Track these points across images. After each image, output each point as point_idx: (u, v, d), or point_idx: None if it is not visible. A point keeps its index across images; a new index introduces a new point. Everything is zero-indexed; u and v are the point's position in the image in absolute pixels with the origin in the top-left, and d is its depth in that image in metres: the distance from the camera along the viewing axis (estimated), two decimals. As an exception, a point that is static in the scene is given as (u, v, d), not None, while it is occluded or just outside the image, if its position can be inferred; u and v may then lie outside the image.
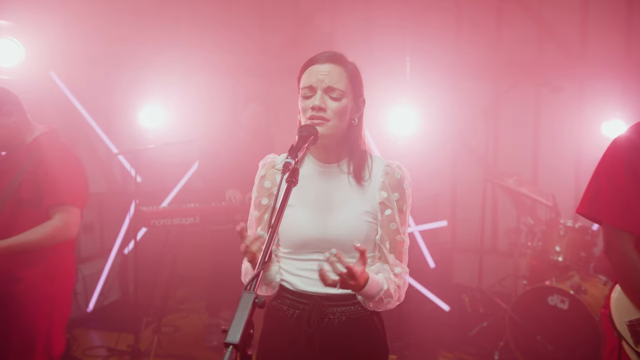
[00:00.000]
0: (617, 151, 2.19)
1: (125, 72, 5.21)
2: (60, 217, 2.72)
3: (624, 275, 2.13)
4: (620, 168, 2.14)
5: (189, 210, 3.93)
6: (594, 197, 2.22)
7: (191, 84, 5.29)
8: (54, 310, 2.78)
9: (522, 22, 5.33)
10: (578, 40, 5.26)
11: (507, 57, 5.34)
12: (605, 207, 2.16)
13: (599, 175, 2.22)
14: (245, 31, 5.69)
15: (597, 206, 2.19)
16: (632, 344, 2.11)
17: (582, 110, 5.13)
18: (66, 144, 2.94)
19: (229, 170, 4.32)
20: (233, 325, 1.24)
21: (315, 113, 1.78)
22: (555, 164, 5.30)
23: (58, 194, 2.72)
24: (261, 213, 1.95)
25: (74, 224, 2.78)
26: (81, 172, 2.91)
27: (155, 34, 5.23)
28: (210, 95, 5.54)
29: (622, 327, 2.13)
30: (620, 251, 2.13)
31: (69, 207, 2.75)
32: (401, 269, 1.86)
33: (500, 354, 4.03)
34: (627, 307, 2.13)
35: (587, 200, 2.25)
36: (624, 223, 2.13)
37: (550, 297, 3.79)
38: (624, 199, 2.13)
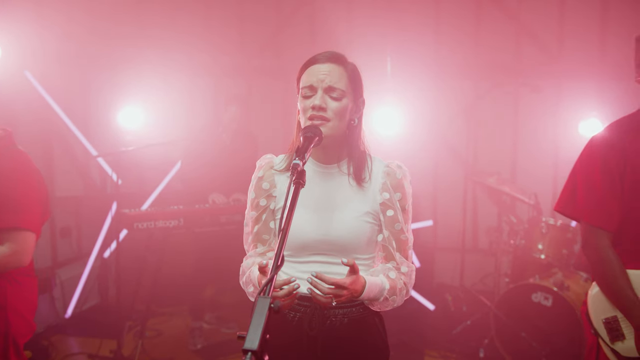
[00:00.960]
0: (593, 150, 2.22)
1: (103, 72, 5.11)
2: (10, 246, 2.34)
3: (601, 272, 2.17)
4: (596, 167, 2.17)
5: (173, 212, 3.86)
6: (571, 195, 2.26)
7: (171, 85, 5.21)
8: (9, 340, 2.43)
9: (501, 23, 5.42)
10: (555, 41, 5.36)
11: (486, 58, 5.42)
12: (582, 205, 2.21)
13: (576, 173, 2.27)
14: (224, 32, 5.63)
15: (575, 204, 2.24)
16: (608, 341, 2.15)
17: (560, 110, 5.23)
18: (21, 153, 2.48)
19: (211, 172, 4.27)
20: (250, 331, 1.21)
21: (316, 113, 1.76)
22: (534, 163, 5.39)
23: (8, 217, 2.34)
24: (259, 213, 1.92)
25: (27, 251, 2.40)
26: (38, 187, 2.49)
27: (133, 33, 5.14)
28: (190, 96, 5.47)
29: (599, 325, 2.18)
30: (597, 248, 2.17)
31: (22, 232, 2.37)
32: (407, 267, 1.87)
33: (485, 352, 4.07)
34: (603, 304, 2.17)
35: (564, 198, 2.30)
36: (600, 221, 2.16)
37: (534, 294, 3.84)
38: (600, 197, 2.16)
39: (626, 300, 2.09)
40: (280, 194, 1.88)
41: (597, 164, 2.17)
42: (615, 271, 2.12)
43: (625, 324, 2.12)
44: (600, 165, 2.16)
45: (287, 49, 5.82)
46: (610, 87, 4.99)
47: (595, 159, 2.19)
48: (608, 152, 2.16)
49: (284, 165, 1.91)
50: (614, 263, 2.13)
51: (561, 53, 5.32)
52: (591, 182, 2.18)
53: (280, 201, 1.88)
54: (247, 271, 1.89)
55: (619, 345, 2.13)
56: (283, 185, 1.89)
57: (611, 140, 2.18)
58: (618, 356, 2.13)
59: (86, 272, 4.83)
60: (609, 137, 2.20)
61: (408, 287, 1.87)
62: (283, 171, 1.90)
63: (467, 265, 5.29)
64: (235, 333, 4.52)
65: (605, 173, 2.15)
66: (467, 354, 4.17)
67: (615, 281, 2.12)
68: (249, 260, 1.93)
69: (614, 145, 2.16)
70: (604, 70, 5.06)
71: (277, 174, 1.91)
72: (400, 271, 1.85)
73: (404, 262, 1.86)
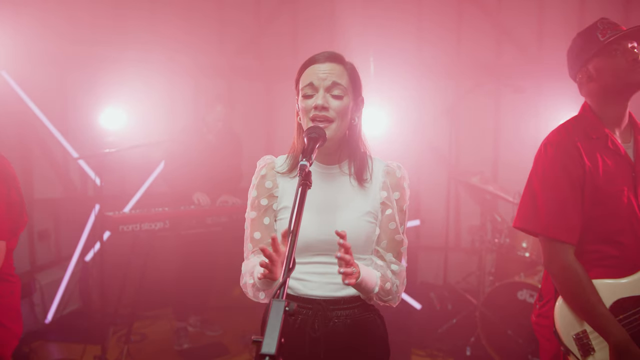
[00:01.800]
0: (550, 160, 2.10)
1: (83, 73, 5.02)
2: None
3: (568, 288, 2.05)
4: (557, 177, 2.07)
5: (158, 214, 3.81)
6: (531, 209, 2.14)
7: (152, 85, 5.13)
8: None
9: (482, 24, 5.47)
10: (535, 41, 5.44)
11: (468, 58, 5.47)
12: (544, 219, 2.09)
13: (533, 186, 2.15)
14: (205, 32, 5.58)
15: (536, 219, 2.11)
16: (579, 357, 2.04)
17: (540, 110, 5.30)
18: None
19: (196, 173, 4.23)
20: (267, 335, 1.19)
21: (319, 112, 1.75)
22: (515, 162, 5.42)
23: None
24: (259, 214, 1.88)
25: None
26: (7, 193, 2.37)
27: (113, 34, 5.06)
28: (170, 96, 5.40)
29: (569, 342, 2.06)
30: (563, 264, 2.06)
31: None
32: (398, 266, 1.85)
33: (471, 350, 4.11)
34: (571, 320, 2.07)
35: (523, 213, 2.17)
36: (564, 235, 2.06)
37: (520, 291, 3.88)
38: (562, 209, 2.07)
39: (600, 318, 1.99)
40: (282, 194, 1.87)
41: (557, 175, 2.07)
42: (585, 287, 2.02)
43: (594, 337, 2.04)
44: (560, 173, 2.07)
45: (268, 50, 5.79)
46: (589, 87, 5.10)
47: (554, 169, 2.08)
48: (567, 160, 2.07)
49: (287, 166, 1.89)
50: (583, 278, 2.02)
51: (541, 53, 5.40)
52: (550, 192, 2.08)
53: (282, 201, 1.86)
54: (248, 271, 1.84)
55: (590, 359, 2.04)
56: (285, 186, 1.87)
57: (567, 147, 2.08)
58: None
59: (67, 276, 4.74)
60: (565, 145, 2.09)
61: (399, 287, 1.86)
62: (285, 173, 1.89)
63: (450, 264, 5.33)
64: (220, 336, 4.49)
65: (565, 182, 2.06)
66: (454, 352, 4.20)
67: (586, 298, 2.01)
68: (250, 262, 1.87)
69: (570, 153, 2.07)
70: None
71: (279, 175, 1.89)
72: (391, 269, 1.84)
73: (394, 261, 1.85)
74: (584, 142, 2.09)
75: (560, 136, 2.13)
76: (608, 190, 2.06)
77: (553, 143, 2.12)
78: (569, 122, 2.20)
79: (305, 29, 5.73)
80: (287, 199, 1.86)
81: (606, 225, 2.08)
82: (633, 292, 2.04)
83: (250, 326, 4.58)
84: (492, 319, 3.97)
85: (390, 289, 1.81)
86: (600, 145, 2.10)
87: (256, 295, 1.83)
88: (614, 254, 2.09)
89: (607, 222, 2.08)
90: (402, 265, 1.87)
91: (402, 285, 1.88)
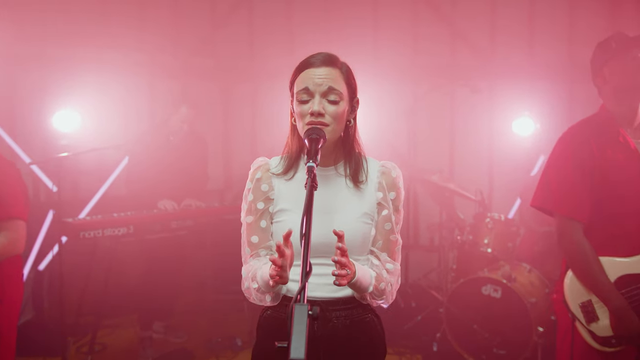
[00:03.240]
0: (564, 148, 2.44)
1: (32, 73, 4.79)
2: (6, 235, 2.62)
3: (578, 261, 2.36)
4: (568, 162, 2.38)
5: (122, 219, 3.69)
6: (545, 190, 2.46)
7: (106, 85, 4.96)
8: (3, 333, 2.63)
9: (437, 26, 5.59)
10: (487, 43, 5.60)
11: (423, 59, 5.58)
12: (557, 199, 2.40)
13: (548, 170, 2.47)
14: (159, 30, 5.44)
15: (549, 198, 2.44)
16: (584, 323, 2.35)
17: (494, 110, 5.47)
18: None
19: (159, 177, 4.12)
20: (294, 340, 1.18)
21: (315, 119, 1.74)
22: (470, 161, 5.62)
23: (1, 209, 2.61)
24: (256, 218, 1.86)
25: (21, 238, 2.69)
26: (21, 180, 2.80)
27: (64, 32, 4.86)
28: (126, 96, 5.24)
29: (576, 309, 2.37)
30: (573, 240, 2.36)
31: (15, 221, 2.66)
32: (393, 265, 1.87)
33: (438, 345, 4.18)
34: (578, 290, 2.37)
35: (539, 194, 2.49)
36: (574, 213, 2.36)
37: (484, 287, 3.99)
38: (572, 190, 2.36)
39: (602, 286, 2.30)
40: (279, 197, 1.85)
41: (568, 160, 2.38)
42: (591, 260, 2.31)
43: (598, 306, 2.34)
44: (572, 160, 2.37)
45: (224, 49, 5.71)
46: (540, 86, 5.31)
47: (566, 156, 2.40)
48: (578, 149, 2.38)
49: (282, 168, 1.87)
50: (590, 253, 2.32)
51: (493, 54, 5.57)
52: (563, 176, 2.38)
53: (279, 204, 1.84)
54: (250, 275, 1.81)
55: (593, 326, 2.33)
56: (281, 188, 1.85)
57: (580, 139, 2.40)
58: (593, 336, 2.33)
59: (19, 286, 4.51)
60: (578, 137, 2.41)
61: (393, 286, 1.87)
62: (280, 174, 1.87)
63: (410, 262, 5.42)
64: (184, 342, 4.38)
65: (576, 168, 2.35)
66: (420, 349, 4.27)
67: (591, 270, 2.31)
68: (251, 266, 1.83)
69: (582, 143, 2.38)
70: (534, 71, 5.36)
71: (274, 176, 1.87)
72: (386, 268, 1.85)
73: (389, 261, 1.87)
74: (596, 138, 2.38)
75: (574, 131, 2.46)
76: (616, 178, 2.35)
77: (568, 135, 2.46)
78: (585, 120, 2.51)
79: (261, 29, 5.69)
80: (283, 201, 1.84)
81: (613, 209, 2.36)
82: (635, 270, 2.34)
83: (215, 330, 4.51)
84: (458, 315, 4.06)
85: (385, 289, 1.82)
86: (612, 140, 2.38)
87: (262, 298, 1.80)
88: (619, 234, 2.36)
89: (615, 206, 2.36)
90: (397, 264, 1.89)
91: (397, 284, 1.89)
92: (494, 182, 5.58)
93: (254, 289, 1.78)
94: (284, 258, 1.55)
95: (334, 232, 1.58)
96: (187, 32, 5.57)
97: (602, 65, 2.44)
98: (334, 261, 1.54)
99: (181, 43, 5.57)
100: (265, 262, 1.80)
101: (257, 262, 1.82)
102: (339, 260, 1.55)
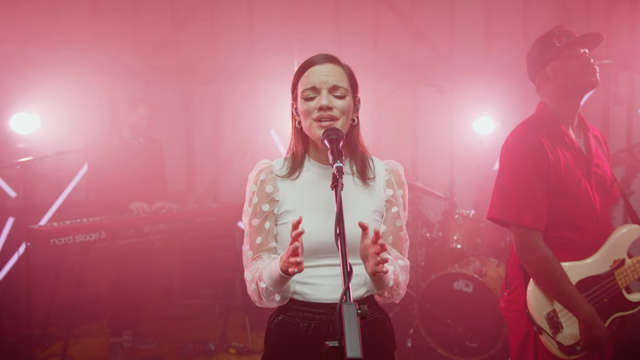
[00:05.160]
0: (518, 154, 2.31)
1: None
2: None
3: (541, 271, 2.26)
4: (525, 169, 2.27)
5: (93, 225, 3.56)
6: (502, 201, 2.33)
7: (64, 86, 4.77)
8: None
9: (397, 27, 5.68)
10: (446, 43, 5.74)
11: (385, 59, 5.65)
12: (515, 210, 2.28)
13: (504, 178, 2.34)
14: (118, 30, 5.28)
15: (508, 210, 2.31)
16: (551, 334, 2.26)
17: (454, 109, 5.62)
18: None
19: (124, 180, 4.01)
20: (348, 339, 1.18)
21: (324, 113, 1.75)
22: (432, 159, 5.74)
23: None
24: (261, 221, 1.84)
25: None
26: None
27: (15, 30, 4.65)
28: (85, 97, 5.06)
29: (541, 321, 2.27)
30: (535, 249, 2.25)
31: None
32: (404, 262, 1.89)
33: (412, 341, 4.25)
34: (542, 301, 2.27)
35: (496, 205, 2.37)
36: (533, 222, 2.25)
37: (456, 282, 4.09)
38: (532, 199, 2.25)
39: (570, 296, 2.23)
40: (284, 198, 1.84)
41: (525, 166, 2.27)
42: (556, 270, 2.23)
43: (562, 314, 2.27)
44: (529, 167, 2.26)
45: (186, 50, 5.61)
46: (497, 87, 5.48)
47: (523, 162, 2.28)
48: (533, 152, 2.27)
49: (287, 170, 1.87)
50: (553, 261, 2.23)
51: (452, 55, 5.71)
52: (522, 185, 2.27)
53: (284, 205, 1.83)
54: (256, 276, 1.78)
55: (560, 336, 2.26)
56: (286, 189, 1.85)
57: (532, 142, 2.29)
58: (560, 346, 2.26)
59: (-25, 298, 4.28)
60: (530, 140, 2.30)
61: (405, 282, 1.89)
62: (285, 176, 1.86)
63: (377, 260, 5.47)
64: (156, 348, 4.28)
65: (534, 174, 2.25)
66: (395, 345, 4.32)
67: (557, 280, 2.23)
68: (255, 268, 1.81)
69: (536, 147, 2.27)
70: (491, 71, 5.53)
71: (278, 178, 1.86)
72: (398, 264, 1.86)
73: (400, 257, 1.89)
74: (546, 138, 2.30)
75: (525, 132, 2.35)
76: (568, 180, 2.29)
77: (520, 139, 2.34)
78: (530, 120, 2.43)
79: (224, 29, 5.61)
80: (288, 202, 1.83)
81: (568, 212, 2.31)
82: (592, 272, 2.31)
83: (186, 336, 4.42)
84: (431, 310, 4.14)
85: (400, 284, 1.83)
86: (559, 140, 2.33)
87: (270, 298, 1.77)
88: (575, 238, 2.32)
89: (569, 209, 2.31)
90: (407, 261, 1.91)
91: (407, 281, 1.92)
92: (455, 180, 5.72)
93: (262, 288, 1.76)
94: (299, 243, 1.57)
95: (359, 224, 1.60)
96: (148, 31, 5.43)
97: (545, 64, 2.37)
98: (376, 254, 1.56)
99: (141, 43, 5.43)
100: (269, 262, 1.78)
101: (260, 264, 1.81)
102: (386, 258, 1.56)
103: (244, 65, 5.48)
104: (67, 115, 4.76)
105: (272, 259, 1.77)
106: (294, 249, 1.55)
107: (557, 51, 2.33)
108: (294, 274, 1.58)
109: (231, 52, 5.51)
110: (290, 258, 1.56)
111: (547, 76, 2.38)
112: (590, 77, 2.32)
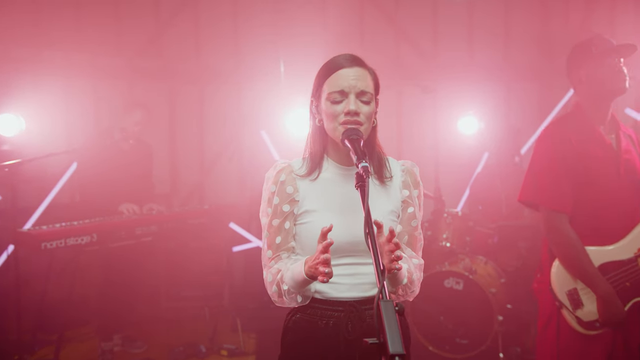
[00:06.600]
0: (547, 144, 2.60)
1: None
2: None
3: (566, 251, 2.51)
4: (552, 157, 2.54)
5: (85, 227, 3.51)
6: (531, 185, 2.62)
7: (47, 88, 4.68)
8: None
9: (382, 27, 5.73)
10: (430, 44, 5.81)
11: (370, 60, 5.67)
12: (543, 193, 2.56)
13: (534, 166, 2.63)
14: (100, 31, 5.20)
15: (536, 193, 2.59)
16: (571, 309, 2.50)
17: (438, 109, 5.67)
18: None
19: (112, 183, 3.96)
20: (389, 335, 1.19)
21: (350, 117, 1.77)
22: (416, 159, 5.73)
23: None
24: (282, 221, 1.85)
25: None
26: None
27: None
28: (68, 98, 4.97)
29: (563, 296, 2.52)
30: (561, 231, 2.51)
31: None
32: (419, 260, 1.91)
33: (403, 339, 4.28)
34: (565, 279, 2.53)
35: (526, 189, 2.66)
36: (558, 205, 2.52)
37: (447, 280, 4.15)
38: (556, 183, 2.52)
39: (590, 274, 2.46)
40: (304, 198, 1.85)
41: (552, 155, 2.54)
42: (579, 250, 2.47)
43: (583, 293, 2.51)
44: (555, 155, 2.53)
45: (170, 50, 5.55)
46: (481, 87, 5.57)
47: (550, 151, 2.56)
48: (559, 144, 2.54)
49: (306, 169, 1.88)
50: (577, 242, 2.47)
51: (436, 55, 5.78)
52: (547, 171, 2.55)
53: (304, 205, 1.84)
54: (277, 278, 1.79)
55: (579, 312, 2.49)
56: (306, 189, 1.86)
57: (560, 135, 2.57)
58: (579, 321, 2.49)
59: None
60: (558, 134, 2.58)
61: (419, 280, 1.91)
62: (304, 176, 1.87)
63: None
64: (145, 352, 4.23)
65: (559, 161, 2.51)
66: (386, 344, 4.35)
67: (579, 258, 2.47)
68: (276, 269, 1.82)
69: (563, 138, 2.55)
70: (475, 71, 5.62)
71: (298, 178, 1.87)
72: (413, 262, 1.89)
73: (415, 256, 1.92)
74: (575, 135, 2.54)
75: (555, 128, 2.62)
76: (597, 173, 2.52)
77: (549, 134, 2.62)
78: (563, 117, 2.69)
79: (207, 30, 5.57)
80: (308, 202, 1.84)
81: (595, 202, 2.53)
82: (616, 257, 2.51)
83: (176, 338, 4.38)
84: (423, 308, 4.19)
85: (414, 281, 1.85)
86: (590, 137, 2.56)
87: (292, 299, 1.78)
88: (601, 226, 2.53)
89: (596, 200, 2.53)
90: (422, 260, 1.94)
91: (420, 280, 1.94)
92: (440, 180, 5.77)
93: (285, 290, 1.77)
94: (329, 253, 1.58)
95: (375, 222, 1.59)
96: (131, 32, 5.36)
97: (579, 67, 2.61)
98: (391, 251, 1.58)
99: (125, 43, 5.35)
100: (292, 262, 1.80)
101: (281, 265, 1.81)
102: (400, 255, 1.58)
103: (229, 66, 5.45)
104: (51, 117, 4.66)
105: (294, 261, 1.78)
106: (325, 260, 1.56)
107: (593, 57, 2.56)
108: (323, 282, 1.60)
109: (215, 52, 5.48)
110: (320, 267, 1.58)
111: (581, 79, 2.60)
112: (619, 83, 2.54)
